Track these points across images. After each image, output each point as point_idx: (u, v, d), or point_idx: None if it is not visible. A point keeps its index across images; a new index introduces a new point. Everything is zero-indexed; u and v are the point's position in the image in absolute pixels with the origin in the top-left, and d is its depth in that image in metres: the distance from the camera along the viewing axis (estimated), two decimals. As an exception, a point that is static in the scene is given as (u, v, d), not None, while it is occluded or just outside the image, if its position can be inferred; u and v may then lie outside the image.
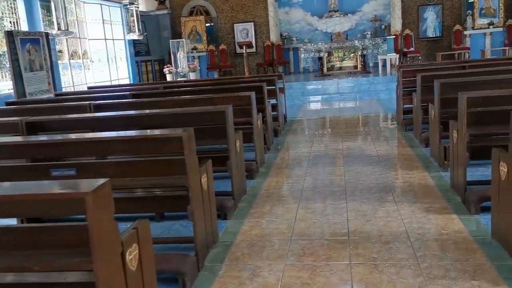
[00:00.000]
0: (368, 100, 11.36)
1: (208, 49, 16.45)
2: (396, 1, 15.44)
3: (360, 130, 7.81)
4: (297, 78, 14.87)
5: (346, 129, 7.87)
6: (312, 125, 8.75)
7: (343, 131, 7.71)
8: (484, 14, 15.18)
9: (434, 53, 15.94)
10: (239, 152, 4.54)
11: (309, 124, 8.95)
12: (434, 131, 5.36)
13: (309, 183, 4.98)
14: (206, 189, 3.38)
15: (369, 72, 13.74)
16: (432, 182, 4.68)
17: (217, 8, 17.17)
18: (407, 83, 7.31)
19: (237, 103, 5.44)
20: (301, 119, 9.54)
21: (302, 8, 16.76)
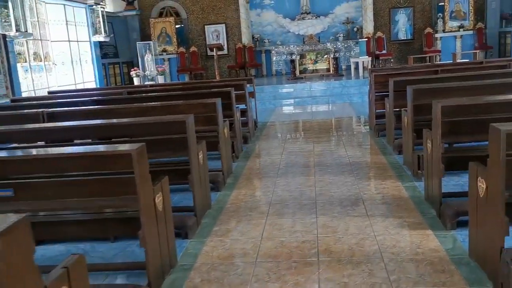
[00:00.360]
0: (340, 103, 11.19)
1: (178, 52, 16.07)
2: (367, 4, 15.38)
3: (332, 135, 7.59)
4: (270, 81, 14.64)
5: (318, 135, 7.65)
6: (284, 130, 8.50)
7: (315, 137, 7.48)
8: (454, 17, 15.26)
9: (406, 55, 15.94)
10: (202, 164, 4.23)
11: (281, 129, 8.70)
12: (407, 138, 5.16)
13: (278, 195, 4.70)
14: (162, 209, 3.06)
15: (342, 75, 13.60)
16: (406, 193, 4.47)
17: (187, 9, 16.80)
18: (379, 87, 7.13)
19: (202, 110, 5.14)
20: (273, 124, 9.29)
21: (274, 10, 16.55)
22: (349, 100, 11.30)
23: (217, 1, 16.61)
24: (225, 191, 4.94)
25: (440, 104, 3.60)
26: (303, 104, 11.43)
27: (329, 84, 12.12)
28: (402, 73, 7.14)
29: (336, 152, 6.35)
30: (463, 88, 4.90)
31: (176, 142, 3.94)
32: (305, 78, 13.60)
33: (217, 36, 16.82)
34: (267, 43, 16.50)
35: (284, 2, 16.44)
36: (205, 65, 16.80)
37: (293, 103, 11.51)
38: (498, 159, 2.54)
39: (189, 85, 8.22)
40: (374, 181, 4.96)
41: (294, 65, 13.72)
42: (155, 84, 9.22)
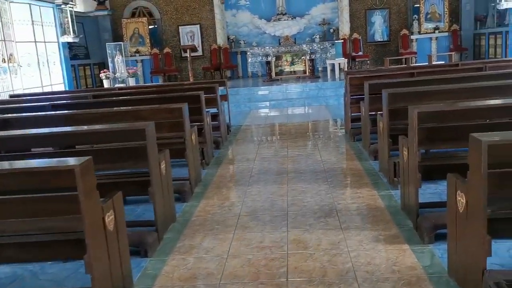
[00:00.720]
0: (316, 106, 10.99)
1: (152, 53, 15.67)
2: (343, 5, 15.27)
3: (308, 140, 7.36)
4: (246, 82, 14.38)
5: (293, 139, 7.41)
6: (258, 134, 8.24)
7: (290, 141, 7.24)
8: (429, 19, 15.27)
9: (383, 57, 15.86)
10: (165, 175, 3.93)
11: (255, 133, 8.44)
12: (383, 144, 4.95)
13: (248, 206, 4.43)
14: (113, 229, 2.76)
15: (318, 77, 13.43)
16: (382, 202, 4.25)
17: (161, 10, 16.41)
18: (355, 90, 6.93)
19: (168, 115, 4.84)
20: (247, 127, 9.02)
21: (249, 11, 16.30)
22: (325, 102, 11.12)
23: (191, 1, 16.28)
24: (192, 202, 4.64)
25: (416, 110, 3.39)
26: (279, 107, 11.20)
27: (305, 86, 11.93)
28: (377, 76, 6.96)
29: (310, 157, 6.11)
30: (440, 92, 4.71)
31: (136, 151, 3.63)
32: (281, 80, 13.38)
33: (192, 37, 16.48)
34: (243, 44, 16.25)
35: (259, 2, 16.21)
36: (179, 66, 16.44)
37: (268, 106, 11.26)
38: (479, 172, 2.32)
39: (159, 88, 7.88)
40: (349, 189, 4.73)
41: (269, 67, 13.49)
42: (124, 87, 8.85)
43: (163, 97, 6.10)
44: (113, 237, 2.77)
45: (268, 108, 11.23)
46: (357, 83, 6.91)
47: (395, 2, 15.86)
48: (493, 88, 4.77)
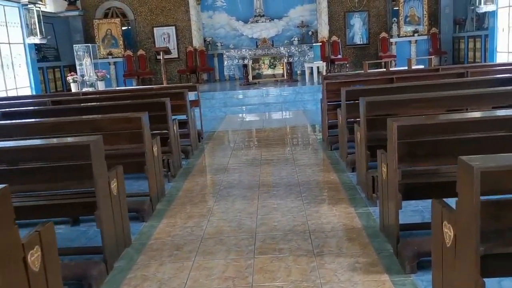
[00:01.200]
0: (294, 111, 10.63)
1: (125, 55, 15.13)
2: (322, 7, 14.98)
3: (283, 148, 6.97)
4: (222, 86, 13.97)
5: (267, 147, 7.02)
6: (231, 142, 7.83)
7: (263, 150, 6.85)
8: (409, 22, 15.08)
9: (362, 60, 15.60)
10: (116, 195, 3.48)
11: (228, 140, 8.03)
12: (361, 156, 4.59)
13: (213, 226, 4.01)
14: (39, 269, 2.31)
15: (296, 81, 13.09)
16: (359, 222, 3.88)
17: (135, 11, 15.88)
18: (332, 96, 6.58)
19: (126, 126, 4.40)
20: (221, 133, 8.61)
21: (226, 12, 15.89)
22: (303, 107, 10.77)
23: (166, 2, 15.79)
24: (151, 222, 4.20)
25: (395, 124, 3.02)
26: (255, 112, 10.81)
27: (282, 90, 11.57)
28: (355, 81, 6.62)
29: (285, 168, 5.73)
30: (421, 100, 4.38)
31: (80, 170, 3.18)
32: (259, 84, 13.00)
33: (167, 39, 15.99)
34: (220, 46, 15.83)
35: (237, 4, 15.82)
36: (154, 69, 15.93)
37: (244, 111, 10.86)
38: (471, 203, 1.95)
39: (125, 93, 7.41)
40: (324, 206, 4.35)
41: (246, 70, 13.10)
42: (90, 92, 8.34)
43: (127, 104, 5.66)
44: (41, 281, 2.32)
45: (244, 112, 10.83)
46: (334, 88, 6.55)
47: (374, 4, 15.65)
48: (476, 97, 4.46)
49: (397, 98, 4.42)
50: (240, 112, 10.82)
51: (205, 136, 8.28)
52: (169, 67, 16.03)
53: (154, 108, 5.52)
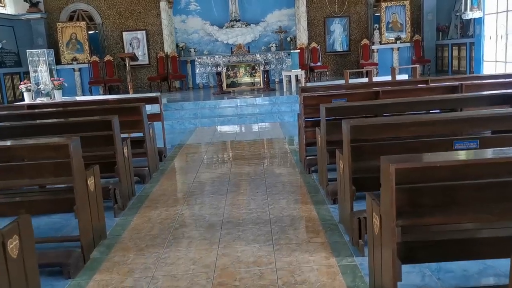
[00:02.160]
0: (270, 123, 9.81)
1: (91, 61, 14.13)
2: (301, 12, 14.25)
3: (254, 170, 6.12)
4: (196, 94, 13.10)
5: (237, 169, 6.17)
6: (197, 161, 6.93)
7: (232, 172, 5.99)
8: (391, 29, 14.46)
9: (343, 68, 14.93)
10: (17, 257, 2.58)
11: (194, 159, 7.14)
12: (344, 191, 3.77)
13: (156, 286, 3.14)
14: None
15: (273, 90, 12.30)
16: (343, 281, 3.05)
17: (102, 14, 14.90)
18: (310, 111, 5.77)
19: (51, 155, 3.50)
20: (188, 150, 7.72)
21: (200, 16, 15.03)
22: (279, 119, 9.96)
23: (136, 4, 14.86)
24: (79, 279, 3.30)
25: (394, 166, 2.20)
26: (228, 124, 9.95)
27: (258, 100, 10.75)
28: (336, 95, 5.82)
29: (255, 198, 4.88)
30: (417, 123, 3.57)
31: None
32: (233, 93, 12.17)
33: (136, 44, 15.04)
34: (193, 52, 14.95)
35: (211, 8, 14.97)
36: (122, 76, 14.94)
37: (216, 123, 9.99)
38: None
39: (75, 106, 6.48)
40: (299, 255, 3.50)
41: (220, 78, 12.25)
42: (37, 104, 7.35)
43: (64, 123, 4.74)
44: None
45: (216, 125, 9.96)
46: (312, 103, 5.75)
47: (355, 10, 14.99)
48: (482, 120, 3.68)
49: (387, 121, 3.61)
50: (212, 124, 9.95)
51: (169, 154, 7.40)
52: (140, 73, 15.12)
53: (98, 127, 4.63)
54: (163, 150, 6.97)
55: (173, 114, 10.25)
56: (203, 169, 6.39)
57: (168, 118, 10.13)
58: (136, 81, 15.17)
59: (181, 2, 14.94)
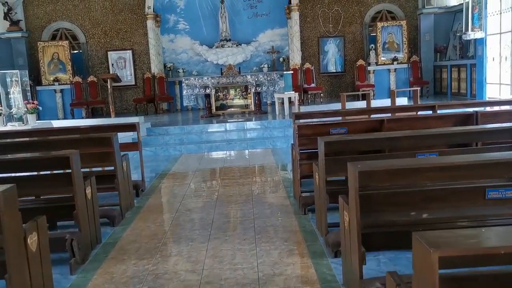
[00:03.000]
0: (261, 150, 9.10)
1: (74, 81, 13.42)
2: (294, 32, 13.70)
3: (241, 209, 5.37)
4: (184, 117, 12.45)
5: (222, 208, 5.42)
6: (178, 196, 6.16)
7: (217, 212, 5.24)
8: (387, 49, 13.93)
9: (337, 89, 14.36)
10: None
11: (175, 193, 6.37)
12: (351, 253, 3.02)
13: None
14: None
15: (265, 113, 11.63)
16: None
17: (87, 33, 14.26)
18: (305, 142, 5.08)
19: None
20: (169, 182, 6.98)
21: (189, 36, 14.44)
22: (272, 145, 9.25)
23: (122, 23, 14.24)
24: None
25: (437, 254, 1.47)
26: (217, 150, 9.23)
27: (249, 124, 10.06)
28: (336, 124, 5.13)
29: (240, 249, 4.12)
30: (438, 168, 2.86)
31: None
32: (223, 116, 11.49)
33: (122, 64, 14.38)
34: (182, 73, 14.31)
35: (201, 27, 14.39)
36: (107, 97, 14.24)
37: (204, 149, 9.26)
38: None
39: (42, 135, 5.74)
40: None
41: (209, 101, 11.57)
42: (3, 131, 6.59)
43: (15, 160, 3.97)
44: None
45: (203, 151, 9.22)
46: (308, 133, 5.07)
47: (350, 30, 14.47)
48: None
49: (402, 165, 2.88)
50: (198, 151, 9.22)
51: (149, 186, 6.64)
52: (125, 95, 14.44)
53: (53, 164, 3.89)
54: (140, 184, 6.20)
55: (157, 140, 9.52)
56: (184, 206, 5.63)
57: (151, 144, 9.41)
58: (121, 102, 14.49)
59: (169, 21, 14.35)
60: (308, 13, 14.33)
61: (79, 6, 14.11)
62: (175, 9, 14.30)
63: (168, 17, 14.33)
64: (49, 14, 14.12)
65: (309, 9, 14.33)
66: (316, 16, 14.37)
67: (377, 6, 14.36)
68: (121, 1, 14.13)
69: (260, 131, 9.67)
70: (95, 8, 14.15)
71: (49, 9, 14.10)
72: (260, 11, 14.30)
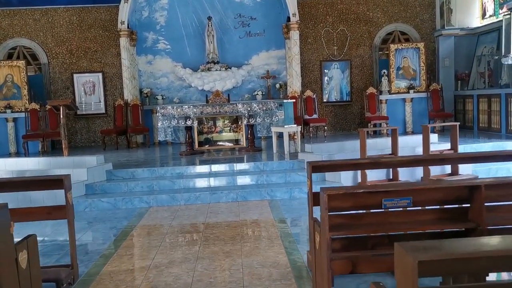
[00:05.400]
0: (255, 202, 6.88)
1: (29, 109, 11.18)
2: (293, 54, 11.69)
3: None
4: (160, 154, 10.21)
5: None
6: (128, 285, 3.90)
7: None
8: (402, 75, 11.92)
9: (342, 121, 12.31)
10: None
11: (126, 282, 4.08)
12: None
13: None
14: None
15: (259, 150, 9.45)
16: None
17: (49, 52, 12.12)
18: (340, 223, 2.89)
19: None
20: (119, 263, 4.68)
21: (170, 57, 12.38)
22: (269, 195, 7.02)
23: (91, 41, 12.15)
24: None
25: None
26: (196, 202, 6.98)
27: (239, 166, 7.85)
28: (391, 192, 2.94)
29: None
30: None
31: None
32: (208, 153, 9.30)
33: (90, 89, 12.21)
34: (161, 100, 12.17)
35: (184, 47, 12.35)
36: (72, 127, 12.05)
37: (180, 201, 6.99)
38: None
39: None
40: None
41: (191, 135, 9.39)
42: None
43: None
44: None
45: (179, 203, 6.96)
46: (344, 205, 2.87)
47: (357, 53, 12.50)
48: None
49: None
50: (172, 203, 6.96)
51: (90, 267, 4.36)
52: (93, 125, 12.22)
53: None
54: (67, 273, 3.89)
55: (119, 187, 7.26)
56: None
57: (111, 193, 7.16)
58: (89, 134, 12.27)
59: (147, 39, 12.29)
60: (310, 33, 12.38)
61: (41, 20, 12.02)
62: (154, 26, 12.26)
63: (146, 35, 12.26)
64: (5, 29, 12.00)
65: (310, 29, 12.38)
66: (319, 36, 12.42)
67: (389, 26, 12.47)
68: (91, 16, 12.07)
69: (254, 176, 7.45)
70: (60, 24, 12.06)
71: (5, 23, 11.98)
72: (253, 29, 12.32)
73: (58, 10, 12.02)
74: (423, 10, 12.43)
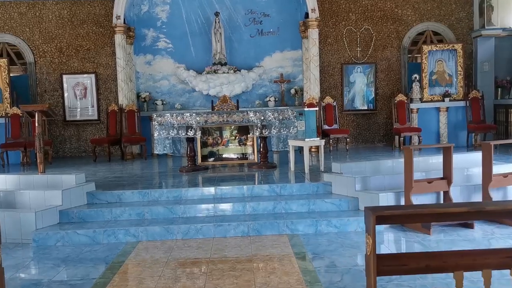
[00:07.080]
0: (270, 236, 5.42)
1: (10, 114, 9.82)
2: (311, 55, 10.26)
3: None
4: (161, 168, 8.82)
5: None
6: None
7: None
8: (436, 81, 10.45)
9: (365, 132, 10.86)
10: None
11: None
12: None
13: None
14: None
15: (273, 167, 7.99)
16: None
17: (36, 50, 10.76)
18: None
19: None
20: None
21: (172, 58, 10.98)
22: (288, 228, 5.54)
23: (83, 39, 10.78)
24: None
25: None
26: (196, 237, 5.52)
27: (250, 190, 6.38)
28: None
29: None
30: None
31: None
32: (213, 170, 7.88)
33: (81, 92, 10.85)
34: (161, 105, 10.77)
35: (188, 46, 10.96)
36: (60, 135, 10.68)
37: (175, 234, 5.54)
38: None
39: None
40: None
41: (192, 147, 7.96)
42: None
43: None
44: None
45: (175, 238, 5.51)
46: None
47: (383, 55, 11.05)
48: None
49: None
50: (166, 236, 5.51)
51: None
52: (84, 133, 10.82)
53: None
54: None
55: (101, 214, 5.83)
56: None
57: (90, 222, 5.74)
58: (79, 143, 10.88)
59: (146, 37, 10.91)
60: (330, 32, 10.95)
61: (27, 14, 10.68)
62: (155, 23, 10.88)
63: (145, 32, 10.88)
64: (-13, 24, 10.67)
65: (331, 27, 10.96)
66: (340, 36, 10.98)
67: (420, 25, 11.02)
68: (83, 10, 10.72)
69: (270, 203, 5.98)
70: (48, 18, 10.71)
71: (-13, 17, 10.65)
72: (266, 27, 10.90)
73: (47, 3, 10.68)
74: (459, 7, 10.97)
